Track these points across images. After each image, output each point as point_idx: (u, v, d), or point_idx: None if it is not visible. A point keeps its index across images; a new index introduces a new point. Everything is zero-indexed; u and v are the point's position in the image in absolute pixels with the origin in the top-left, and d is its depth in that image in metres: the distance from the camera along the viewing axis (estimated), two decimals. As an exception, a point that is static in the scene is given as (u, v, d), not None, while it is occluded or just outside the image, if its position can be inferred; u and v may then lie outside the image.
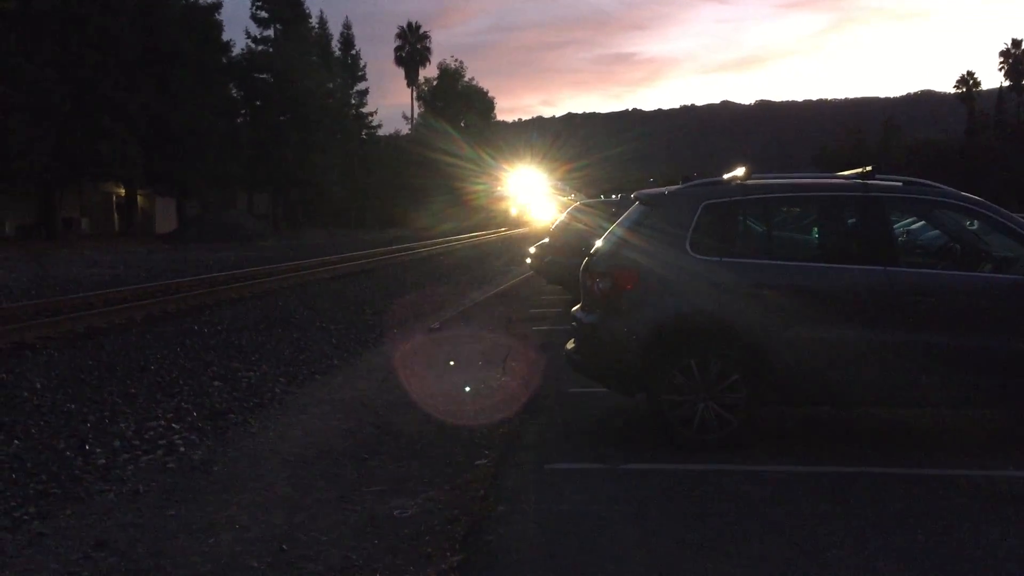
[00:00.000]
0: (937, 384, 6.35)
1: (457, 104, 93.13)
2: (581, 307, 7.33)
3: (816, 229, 7.16)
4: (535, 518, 5.14)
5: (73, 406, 8.18)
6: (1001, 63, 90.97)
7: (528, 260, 19.52)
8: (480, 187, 79.33)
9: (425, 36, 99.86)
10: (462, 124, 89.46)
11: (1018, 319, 6.37)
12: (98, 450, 6.75)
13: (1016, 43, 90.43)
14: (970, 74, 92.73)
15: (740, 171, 6.92)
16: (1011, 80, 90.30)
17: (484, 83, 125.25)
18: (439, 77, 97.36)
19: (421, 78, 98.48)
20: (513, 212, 77.84)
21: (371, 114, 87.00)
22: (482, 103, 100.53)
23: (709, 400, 6.41)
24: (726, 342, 6.47)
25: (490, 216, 78.13)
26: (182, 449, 6.84)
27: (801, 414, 7.41)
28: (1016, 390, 6.37)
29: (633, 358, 6.57)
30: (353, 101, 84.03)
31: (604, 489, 5.66)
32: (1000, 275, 6.63)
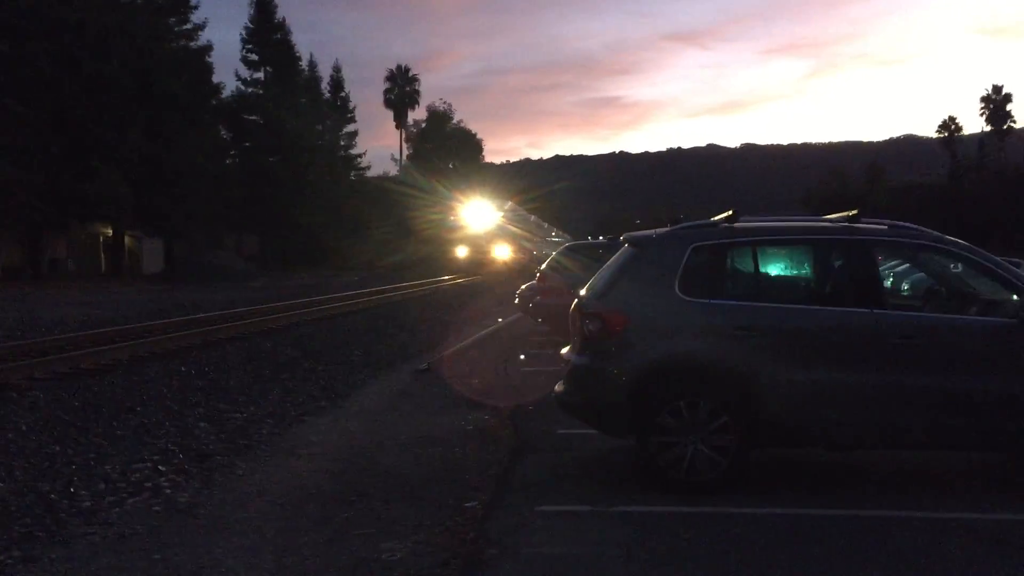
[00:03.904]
0: (926, 426, 6.39)
1: (446, 146, 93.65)
2: (570, 349, 7.35)
3: (803, 272, 7.23)
4: (525, 561, 5.11)
5: (58, 448, 8.10)
6: (982, 108, 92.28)
7: (516, 301, 19.57)
8: (436, 217, 69.93)
9: (414, 79, 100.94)
10: (450, 166, 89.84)
11: (1004, 361, 6.42)
12: (83, 492, 6.68)
13: (997, 89, 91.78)
14: (952, 119, 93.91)
15: (728, 214, 7.01)
16: (992, 125, 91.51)
17: (472, 125, 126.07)
18: (428, 119, 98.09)
19: (410, 120, 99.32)
20: (460, 254, 62.29)
21: (360, 155, 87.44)
22: (470, 145, 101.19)
23: (699, 442, 6.41)
24: (715, 384, 6.49)
25: (443, 254, 65.69)
26: (168, 491, 6.78)
27: (793, 456, 7.41)
28: (1003, 432, 6.40)
29: (622, 400, 6.57)
30: (342, 143, 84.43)
31: (594, 532, 5.64)
32: (985, 317, 6.69)
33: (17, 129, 40.40)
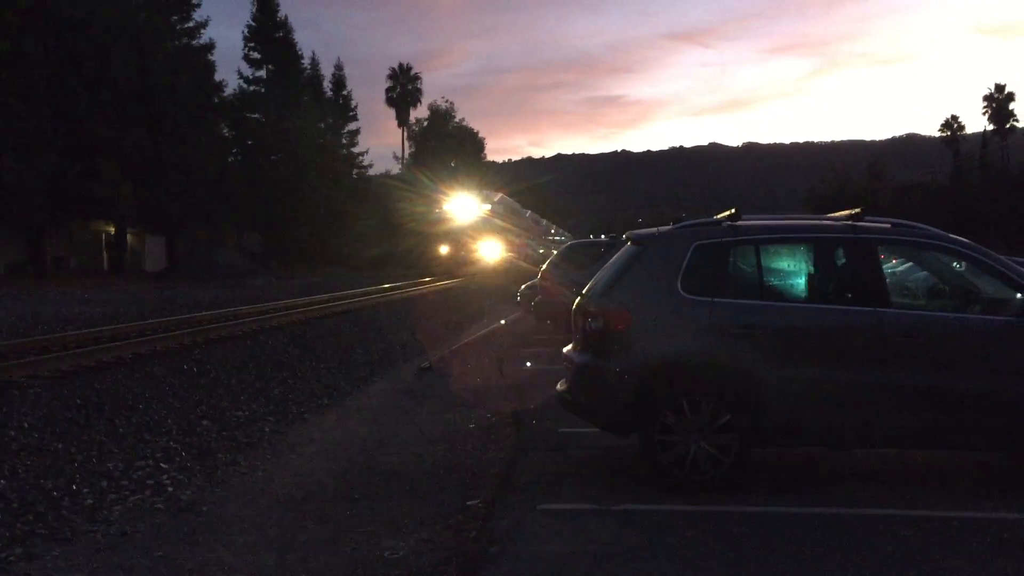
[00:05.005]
0: (928, 425, 6.38)
1: (447, 144, 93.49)
2: (573, 347, 7.34)
3: (806, 270, 7.22)
4: (527, 559, 5.10)
5: (60, 445, 8.10)
6: (985, 107, 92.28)
7: (518, 299, 19.58)
8: (422, 210, 63.75)
9: (416, 77, 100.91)
10: (452, 164, 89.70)
11: (1007, 360, 6.41)
12: (85, 490, 6.67)
13: (999, 88, 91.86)
14: (954, 118, 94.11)
15: (730, 212, 6.99)
16: (995, 124, 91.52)
17: (474, 124, 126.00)
18: (430, 118, 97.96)
19: (412, 119, 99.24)
20: (442, 251, 57.36)
21: (362, 154, 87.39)
22: (472, 143, 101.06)
23: (701, 441, 6.40)
24: (717, 383, 6.48)
25: (425, 250, 61.42)
26: (170, 489, 6.77)
27: (795, 455, 7.40)
28: (1007, 431, 6.39)
29: (625, 398, 6.57)
30: (344, 141, 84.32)
31: (596, 530, 5.63)
32: (989, 316, 6.67)
33: (19, 127, 40.43)
